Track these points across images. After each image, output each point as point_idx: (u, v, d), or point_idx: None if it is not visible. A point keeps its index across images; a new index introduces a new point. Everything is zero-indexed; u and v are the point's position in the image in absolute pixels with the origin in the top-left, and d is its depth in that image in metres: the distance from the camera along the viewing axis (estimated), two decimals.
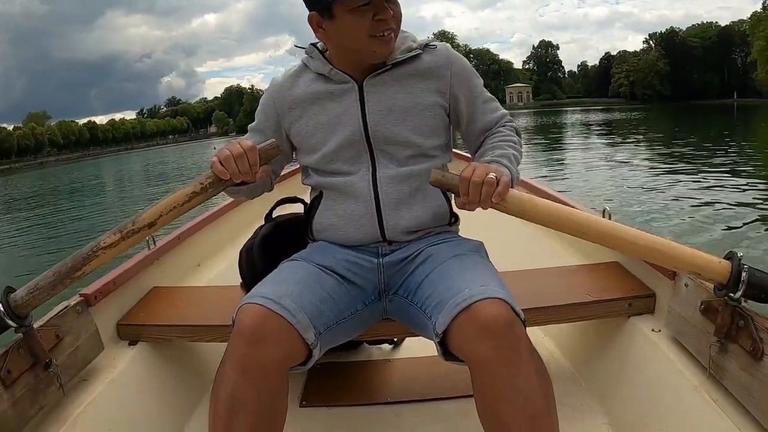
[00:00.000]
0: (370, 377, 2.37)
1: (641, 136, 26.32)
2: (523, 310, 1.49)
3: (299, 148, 1.90)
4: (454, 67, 1.83)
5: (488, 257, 1.83)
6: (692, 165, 14.47)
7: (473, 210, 1.52)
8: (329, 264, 1.75)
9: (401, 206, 1.79)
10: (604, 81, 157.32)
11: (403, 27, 1.77)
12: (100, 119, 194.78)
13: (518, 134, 1.90)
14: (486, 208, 1.50)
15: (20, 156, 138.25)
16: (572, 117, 63.35)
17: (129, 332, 2.14)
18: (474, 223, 2.12)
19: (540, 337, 2.47)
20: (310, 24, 1.75)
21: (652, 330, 1.94)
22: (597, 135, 29.50)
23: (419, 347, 2.21)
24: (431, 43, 1.85)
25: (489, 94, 1.92)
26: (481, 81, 1.91)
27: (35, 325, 1.66)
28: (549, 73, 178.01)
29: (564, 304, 2.03)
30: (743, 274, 1.45)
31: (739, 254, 1.48)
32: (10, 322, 1.54)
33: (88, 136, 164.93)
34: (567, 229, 1.53)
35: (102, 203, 21.93)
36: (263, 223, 2.25)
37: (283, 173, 2.14)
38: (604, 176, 13.40)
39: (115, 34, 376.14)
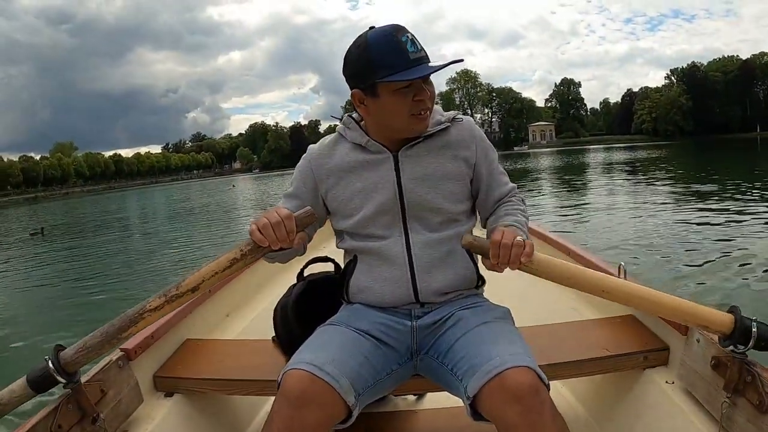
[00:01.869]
0: (397, 428, 2.44)
1: (665, 177, 25.92)
2: (544, 365, 1.60)
3: (335, 214, 1.99)
4: (478, 140, 1.97)
5: (514, 322, 1.91)
6: (717, 205, 14.30)
7: (502, 271, 1.65)
8: (366, 328, 1.84)
9: (433, 269, 1.88)
10: (627, 118, 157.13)
11: None
12: (126, 152, 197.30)
13: (524, 203, 2.03)
14: (514, 269, 1.63)
15: (46, 185, 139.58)
16: (596, 156, 62.49)
17: (166, 384, 2.22)
18: (497, 284, 2.19)
19: (559, 388, 2.53)
20: (352, 100, 1.88)
21: (666, 382, 2.02)
22: (620, 176, 29.17)
23: (443, 399, 2.24)
24: (457, 117, 1.98)
25: (502, 168, 2.05)
26: (497, 155, 2.05)
27: (82, 380, 1.75)
28: (571, 111, 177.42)
29: (582, 359, 2.10)
30: (753, 328, 1.60)
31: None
32: (60, 379, 1.63)
33: (113, 168, 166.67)
34: (584, 288, 1.67)
35: (127, 238, 22.07)
36: (290, 277, 2.32)
37: None
38: (627, 221, 13.16)
39: (142, 68, 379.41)
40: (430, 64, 1.79)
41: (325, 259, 2.31)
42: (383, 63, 1.74)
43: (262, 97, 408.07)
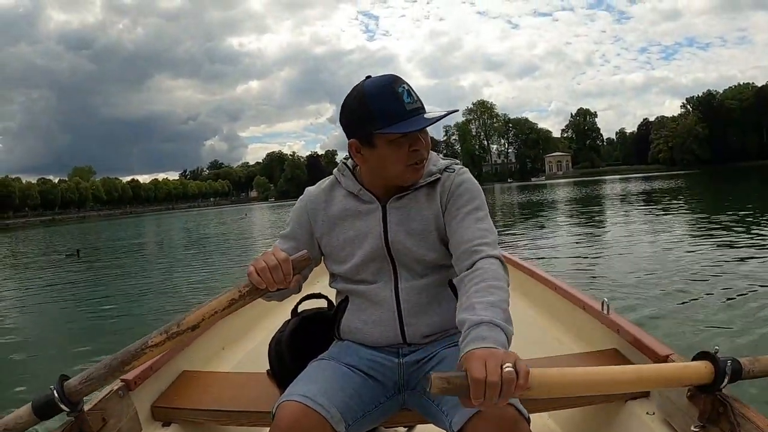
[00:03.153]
0: None
1: (680, 208, 25.76)
2: (528, 399, 1.60)
3: (327, 258, 2.06)
4: (453, 187, 1.95)
5: None
6: (733, 237, 14.16)
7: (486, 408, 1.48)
8: (355, 363, 1.92)
9: (420, 313, 1.95)
10: (643, 147, 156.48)
11: (443, 97, 2.00)
12: (144, 178, 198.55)
13: (503, 268, 1.78)
14: (502, 405, 1.40)
15: (63, 208, 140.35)
16: (612, 187, 61.71)
17: (163, 414, 2.30)
18: None
19: (545, 420, 2.60)
20: (349, 149, 1.94)
21: (647, 413, 2.11)
22: (635, 207, 28.90)
23: (430, 430, 2.28)
24: (449, 167, 2.01)
25: (480, 216, 1.90)
26: (478, 202, 1.93)
27: (84, 408, 1.83)
28: (588, 141, 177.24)
29: None
30: (727, 371, 1.66)
31: (714, 348, 1.70)
32: (64, 407, 1.72)
33: (130, 193, 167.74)
34: (593, 392, 1.73)
35: (152, 262, 22.32)
36: (284, 312, 2.39)
37: None
38: (636, 253, 13.07)
39: (161, 95, 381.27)
40: (425, 115, 1.83)
41: (319, 296, 2.37)
42: (380, 114, 1.79)
43: (280, 126, 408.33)
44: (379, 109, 1.80)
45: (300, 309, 2.36)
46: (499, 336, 1.50)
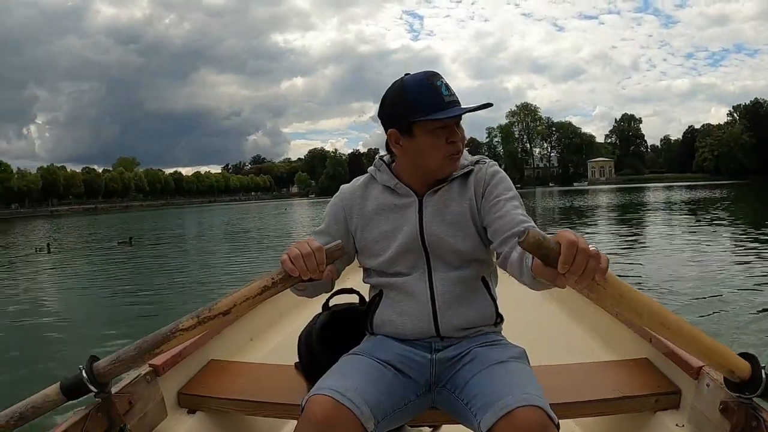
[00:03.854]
0: None
1: (725, 219, 25.36)
2: (557, 404, 1.64)
3: (362, 252, 2.09)
4: (487, 179, 2.01)
5: (529, 362, 1.96)
6: None
7: (564, 286, 1.39)
8: (388, 359, 1.92)
9: (454, 305, 1.97)
10: (688, 155, 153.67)
11: (486, 99, 2.04)
12: (186, 170, 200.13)
13: None
14: (581, 286, 1.40)
15: (107, 197, 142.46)
16: (656, 195, 61.11)
17: (189, 401, 2.31)
18: (515, 322, 2.26)
19: (573, 427, 2.56)
20: (389, 139, 1.99)
21: (676, 425, 2.06)
22: (679, 217, 28.57)
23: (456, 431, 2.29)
24: (481, 161, 2.06)
25: (516, 203, 1.94)
26: (512, 192, 1.98)
27: (111, 391, 1.85)
28: (631, 147, 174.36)
29: (595, 399, 2.15)
30: (763, 377, 1.65)
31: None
32: (92, 388, 1.74)
33: (173, 185, 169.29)
34: (646, 322, 1.59)
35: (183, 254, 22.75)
36: (312, 306, 2.39)
37: None
38: (681, 264, 12.96)
39: (206, 90, 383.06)
40: (472, 107, 1.89)
41: (350, 291, 2.37)
42: (420, 104, 1.86)
43: (323, 123, 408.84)
44: (418, 100, 1.86)
45: (331, 304, 2.36)
46: None
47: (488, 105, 1.91)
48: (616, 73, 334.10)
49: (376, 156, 2.15)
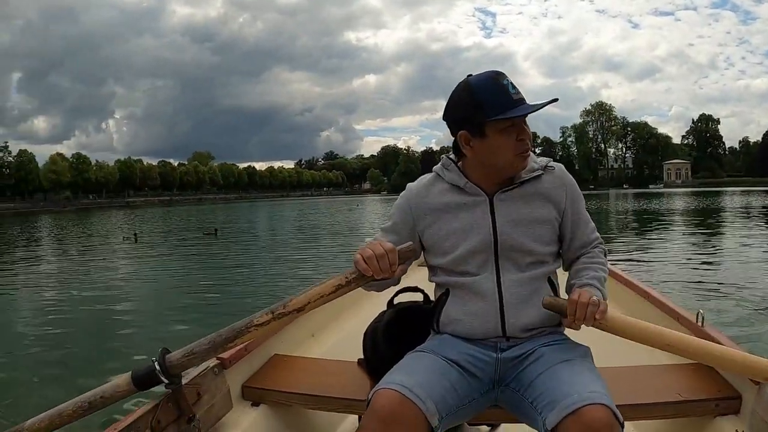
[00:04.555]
0: None
1: None
2: (618, 405, 1.64)
3: (430, 250, 2.10)
4: (569, 188, 2.08)
5: (593, 361, 1.97)
6: None
7: (578, 328, 1.87)
8: (453, 357, 1.92)
9: (521, 306, 1.97)
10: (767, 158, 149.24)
11: (560, 98, 2.08)
12: (259, 165, 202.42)
13: (606, 255, 2.15)
14: (589, 326, 1.83)
15: (181, 190, 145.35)
16: (733, 200, 58.62)
17: (253, 394, 2.37)
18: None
19: (631, 430, 2.53)
20: (459, 141, 2.00)
21: (737, 431, 2.04)
22: (757, 224, 27.70)
23: (515, 430, 2.29)
24: (549, 165, 2.08)
25: (588, 216, 2.15)
26: (584, 203, 2.15)
27: (182, 382, 1.93)
28: (709, 149, 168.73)
29: (655, 402, 2.15)
30: None
31: None
32: (164, 379, 1.82)
33: (246, 179, 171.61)
34: (657, 345, 1.85)
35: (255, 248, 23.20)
36: (374, 302, 2.43)
37: None
38: (753, 271, 12.61)
39: (278, 87, 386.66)
40: (541, 104, 1.92)
41: (415, 289, 2.40)
42: (490, 103, 1.87)
43: (395, 120, 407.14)
44: (488, 99, 1.88)
45: (395, 301, 2.40)
46: (596, 292, 1.93)
47: (554, 100, 1.95)
48: (692, 72, 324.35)
49: (442, 155, 2.16)
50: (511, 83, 1.90)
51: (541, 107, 1.90)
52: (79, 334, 8.55)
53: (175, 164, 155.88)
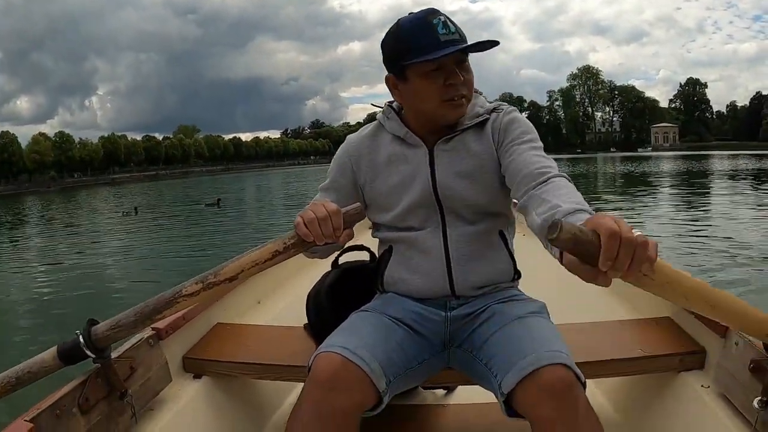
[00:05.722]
0: (426, 421, 2.41)
1: None
2: (578, 363, 1.54)
3: (372, 206, 1.96)
4: (515, 125, 1.85)
5: (550, 317, 1.86)
6: None
7: (608, 284, 1.16)
8: (400, 316, 1.81)
9: (470, 262, 1.85)
10: (755, 123, 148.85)
11: (547, 62, 2.03)
12: (246, 136, 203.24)
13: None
14: (628, 280, 1.17)
15: (167, 164, 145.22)
16: (722, 163, 58.93)
17: (194, 366, 2.24)
18: (533, 278, 2.17)
19: (592, 388, 2.42)
20: (387, 84, 1.86)
21: (702, 386, 1.95)
22: (739, 187, 27.82)
23: (473, 394, 2.21)
24: (499, 107, 1.91)
25: (541, 144, 1.81)
26: (538, 138, 1.83)
27: (112, 356, 1.77)
28: (696, 113, 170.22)
29: (616, 359, 2.07)
30: None
31: None
32: (90, 353, 1.66)
33: (232, 150, 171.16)
34: (698, 307, 1.37)
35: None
36: (323, 265, 2.28)
37: None
38: (727, 232, 12.82)
39: (263, 57, 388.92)
40: (466, 45, 1.72)
41: (361, 248, 2.27)
42: (411, 45, 1.71)
43: (381, 87, 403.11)
44: (410, 40, 1.73)
45: (341, 261, 2.27)
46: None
47: (493, 42, 1.74)
48: (680, 36, 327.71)
49: (386, 103, 2.00)
50: (444, 22, 1.71)
51: (466, 47, 1.72)
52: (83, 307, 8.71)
53: (160, 138, 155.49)
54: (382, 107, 1.99)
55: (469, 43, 1.74)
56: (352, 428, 1.59)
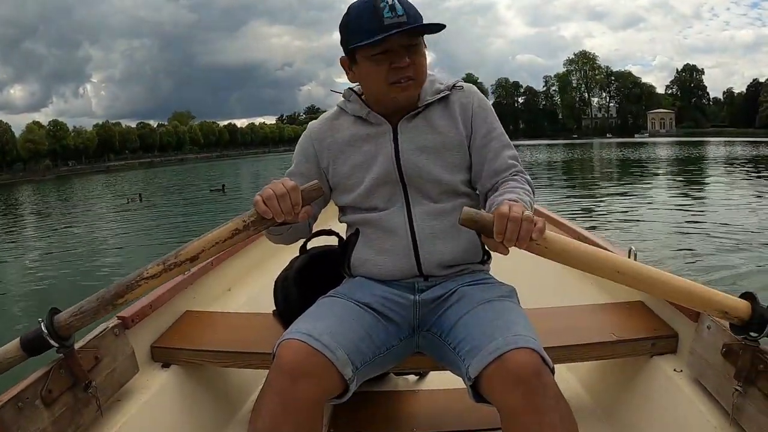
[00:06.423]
0: (397, 408, 2.41)
1: None
2: (549, 348, 1.54)
3: (336, 189, 1.96)
4: (477, 106, 1.90)
5: (519, 302, 1.85)
6: None
7: (506, 252, 1.49)
8: (367, 300, 1.80)
9: (436, 241, 1.84)
10: (751, 110, 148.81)
11: (543, 47, 2.00)
12: (241, 122, 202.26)
13: (531, 186, 1.85)
14: (522, 248, 1.48)
15: (162, 151, 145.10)
16: (717, 150, 58.92)
17: (163, 355, 2.21)
18: (504, 261, 2.12)
19: (564, 373, 2.46)
20: (342, 66, 1.87)
21: (674, 370, 1.97)
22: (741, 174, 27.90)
23: (444, 380, 2.24)
24: (458, 84, 1.93)
25: (507, 140, 1.93)
26: (500, 126, 1.94)
27: (76, 346, 1.74)
28: (693, 100, 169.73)
29: (588, 343, 2.08)
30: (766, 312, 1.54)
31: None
32: (53, 343, 1.62)
33: (227, 137, 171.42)
34: (598, 271, 1.55)
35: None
36: (293, 252, 2.27)
37: None
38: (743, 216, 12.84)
39: (257, 42, 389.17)
40: (404, 29, 1.70)
41: (329, 233, 2.24)
42: (357, 28, 1.73)
43: None
44: (356, 24, 1.75)
45: (309, 246, 2.26)
46: (528, 208, 1.62)
47: (440, 26, 1.74)
48: (677, 22, 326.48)
49: (346, 87, 2.00)
50: (393, 5, 1.70)
51: (404, 29, 1.69)
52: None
53: (155, 125, 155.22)
54: (341, 92, 1.99)
55: (423, 23, 1.74)
56: (317, 416, 1.58)
